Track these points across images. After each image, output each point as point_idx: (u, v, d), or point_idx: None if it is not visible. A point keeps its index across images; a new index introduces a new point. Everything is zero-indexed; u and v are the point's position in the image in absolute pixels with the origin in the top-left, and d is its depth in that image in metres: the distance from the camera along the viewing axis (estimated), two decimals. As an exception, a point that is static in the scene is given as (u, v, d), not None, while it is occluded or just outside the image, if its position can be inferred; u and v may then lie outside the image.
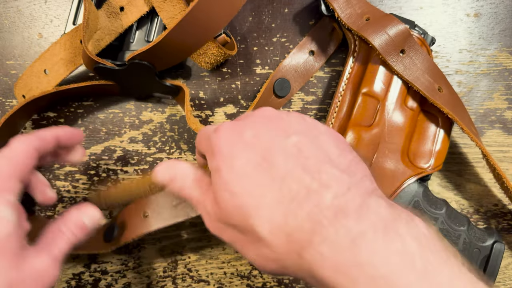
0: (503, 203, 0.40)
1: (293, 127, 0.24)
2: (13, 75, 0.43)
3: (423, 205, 0.35)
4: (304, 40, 0.41)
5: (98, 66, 0.36)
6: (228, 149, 0.24)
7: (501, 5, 0.41)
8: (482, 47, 0.41)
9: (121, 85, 0.39)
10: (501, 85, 0.41)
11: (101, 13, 0.39)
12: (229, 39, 0.38)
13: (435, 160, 0.36)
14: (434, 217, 0.35)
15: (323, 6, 0.38)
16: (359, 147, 0.36)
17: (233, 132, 0.24)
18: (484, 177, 0.41)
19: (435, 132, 0.37)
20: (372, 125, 0.36)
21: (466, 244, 0.34)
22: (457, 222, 0.35)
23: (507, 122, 0.41)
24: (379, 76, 0.36)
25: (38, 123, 0.42)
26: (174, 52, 0.36)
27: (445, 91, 0.36)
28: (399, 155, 0.36)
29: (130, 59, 0.36)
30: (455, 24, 0.41)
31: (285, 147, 0.23)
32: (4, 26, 0.43)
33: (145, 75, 0.38)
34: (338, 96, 0.38)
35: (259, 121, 0.25)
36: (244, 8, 0.42)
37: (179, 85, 0.39)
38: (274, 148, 0.23)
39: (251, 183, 0.23)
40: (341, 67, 0.42)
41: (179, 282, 0.42)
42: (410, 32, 0.36)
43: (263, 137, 0.24)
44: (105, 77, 0.38)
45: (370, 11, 0.37)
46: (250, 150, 0.23)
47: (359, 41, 0.37)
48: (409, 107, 0.37)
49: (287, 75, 0.41)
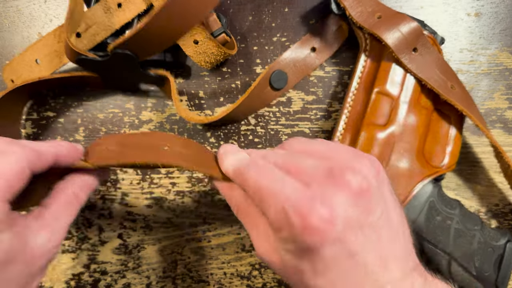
0: (504, 203, 0.40)
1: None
2: (12, 74, 0.43)
3: (438, 205, 0.35)
4: (308, 36, 0.41)
5: (80, 58, 0.36)
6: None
7: (502, 5, 0.41)
8: (483, 46, 0.41)
9: (105, 77, 0.39)
10: (502, 84, 0.41)
11: (98, 8, 0.39)
12: (229, 38, 0.38)
13: (449, 159, 0.36)
14: (449, 217, 0.34)
15: (333, 5, 0.38)
16: (374, 146, 0.35)
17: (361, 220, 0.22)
18: (485, 177, 0.41)
19: (448, 131, 0.37)
20: (386, 124, 0.36)
21: (481, 243, 0.34)
22: (471, 222, 0.35)
23: (508, 122, 0.41)
24: (392, 74, 0.36)
25: (38, 123, 0.42)
26: (157, 39, 0.36)
27: (457, 89, 0.36)
28: (414, 155, 0.36)
29: (112, 49, 0.36)
30: (456, 23, 0.41)
31: (406, 236, 0.24)
32: (3, 25, 0.43)
33: (129, 66, 0.37)
34: (351, 95, 0.37)
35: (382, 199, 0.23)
36: (244, 7, 0.42)
37: (163, 74, 0.39)
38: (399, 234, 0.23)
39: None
40: (342, 66, 0.41)
41: (179, 282, 0.42)
42: (422, 31, 0.35)
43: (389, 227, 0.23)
44: (89, 69, 0.38)
45: (381, 9, 0.37)
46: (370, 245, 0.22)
47: (370, 39, 0.37)
48: (423, 105, 0.36)
49: (286, 68, 0.41)
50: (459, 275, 0.34)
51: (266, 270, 0.42)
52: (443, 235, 0.34)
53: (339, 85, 0.41)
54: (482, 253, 0.34)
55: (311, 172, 0.24)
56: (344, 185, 0.22)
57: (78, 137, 0.42)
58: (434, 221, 0.34)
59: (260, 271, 0.42)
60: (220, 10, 0.42)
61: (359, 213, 0.22)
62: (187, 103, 0.42)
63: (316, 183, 0.23)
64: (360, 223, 0.22)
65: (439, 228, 0.34)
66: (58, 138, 0.42)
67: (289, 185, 0.23)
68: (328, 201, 0.22)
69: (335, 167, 0.23)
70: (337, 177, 0.23)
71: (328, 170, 0.23)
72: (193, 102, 0.42)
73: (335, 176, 0.23)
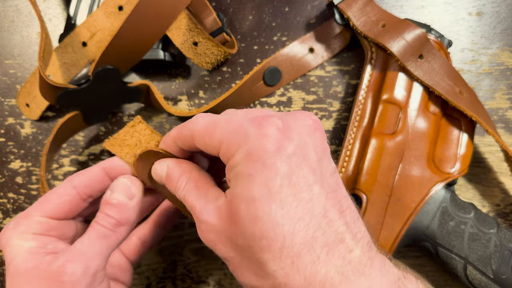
0: (506, 203, 0.40)
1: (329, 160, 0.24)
2: (12, 74, 0.43)
3: (452, 210, 0.34)
4: (308, 35, 0.41)
5: (61, 94, 0.34)
6: (272, 160, 0.21)
7: (503, 4, 0.41)
8: (484, 46, 0.41)
9: (87, 108, 0.37)
10: (503, 84, 0.41)
11: (99, 13, 0.38)
12: (229, 37, 0.38)
13: (461, 164, 0.36)
14: (463, 221, 0.34)
15: (337, 15, 0.38)
16: (383, 155, 0.35)
17: (282, 139, 0.22)
18: (486, 178, 0.40)
19: (458, 136, 0.36)
20: (395, 132, 0.36)
21: (497, 246, 0.34)
22: (486, 225, 0.34)
23: (509, 122, 0.40)
24: (399, 82, 0.36)
25: (38, 123, 0.42)
26: (133, 46, 0.35)
27: (466, 94, 0.36)
28: (425, 162, 0.35)
29: (93, 70, 0.34)
30: (457, 23, 0.41)
31: (327, 180, 0.23)
32: (3, 25, 0.43)
33: (111, 83, 0.36)
34: (358, 105, 0.37)
35: (305, 133, 0.23)
36: (245, 6, 0.41)
37: (143, 83, 0.37)
38: (316, 175, 0.22)
39: (284, 211, 0.21)
40: (343, 66, 0.41)
41: (179, 283, 0.42)
42: (427, 37, 0.35)
43: (308, 157, 0.22)
44: (71, 104, 0.36)
45: (385, 17, 0.37)
46: (295, 168, 0.22)
47: (375, 48, 0.37)
48: (431, 112, 0.36)
49: (281, 65, 0.40)
50: (476, 279, 0.33)
51: None
52: (457, 240, 0.34)
53: (340, 84, 0.41)
54: (499, 256, 0.34)
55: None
56: (274, 124, 0.23)
57: (77, 137, 0.42)
58: (447, 226, 0.34)
59: None
60: (220, 9, 0.41)
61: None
62: (187, 103, 0.42)
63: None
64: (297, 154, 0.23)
65: (453, 233, 0.34)
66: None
67: (240, 113, 0.25)
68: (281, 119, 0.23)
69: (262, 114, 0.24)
70: (265, 118, 0.23)
71: (258, 116, 0.24)
72: (193, 102, 0.42)
73: (264, 118, 0.23)
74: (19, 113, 0.42)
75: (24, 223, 0.27)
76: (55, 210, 0.27)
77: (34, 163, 0.42)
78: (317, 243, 0.21)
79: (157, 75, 0.42)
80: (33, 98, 0.40)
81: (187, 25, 0.36)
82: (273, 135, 0.22)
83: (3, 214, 0.43)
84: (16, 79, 0.43)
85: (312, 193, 0.22)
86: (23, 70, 0.43)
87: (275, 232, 0.21)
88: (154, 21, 0.34)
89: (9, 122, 0.43)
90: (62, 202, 0.28)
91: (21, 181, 0.42)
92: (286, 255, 0.21)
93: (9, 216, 0.43)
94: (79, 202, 0.28)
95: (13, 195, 0.43)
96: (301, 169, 0.22)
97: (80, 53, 0.39)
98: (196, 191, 0.25)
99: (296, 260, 0.21)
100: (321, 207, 0.22)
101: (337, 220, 0.22)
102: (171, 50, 0.41)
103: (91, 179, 0.29)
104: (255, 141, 0.22)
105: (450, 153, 0.36)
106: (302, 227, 0.21)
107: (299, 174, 0.22)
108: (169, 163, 0.27)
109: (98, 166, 0.29)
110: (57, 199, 0.28)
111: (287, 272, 0.21)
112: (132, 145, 0.29)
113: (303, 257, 0.21)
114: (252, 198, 0.21)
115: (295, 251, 0.21)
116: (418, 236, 0.35)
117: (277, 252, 0.21)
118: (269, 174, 0.21)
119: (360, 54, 0.40)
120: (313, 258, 0.21)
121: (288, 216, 0.21)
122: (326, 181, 0.23)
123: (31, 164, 0.42)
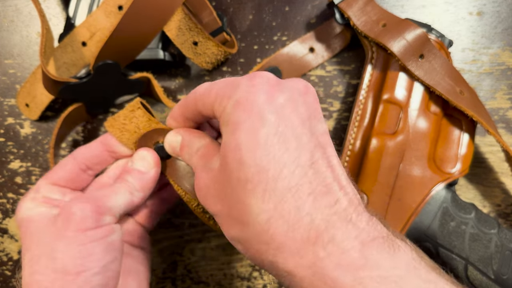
0: (506, 203, 0.40)
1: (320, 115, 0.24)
2: (11, 74, 0.42)
3: (452, 210, 0.34)
4: (308, 35, 0.41)
5: (63, 87, 0.35)
6: (260, 108, 0.22)
7: (504, 4, 0.40)
8: (485, 46, 0.41)
9: (89, 100, 0.38)
10: (504, 84, 0.40)
11: (99, 13, 0.38)
12: (229, 37, 0.38)
13: (462, 164, 0.36)
14: (464, 221, 0.34)
15: (337, 15, 0.38)
16: (384, 155, 0.35)
17: (273, 91, 0.22)
18: (486, 178, 0.40)
19: (459, 136, 0.36)
20: (396, 132, 0.36)
21: (498, 247, 0.34)
22: (487, 225, 0.34)
23: (510, 122, 0.40)
24: (400, 82, 0.36)
25: (37, 123, 0.42)
26: (131, 41, 0.35)
27: (466, 94, 0.36)
28: (425, 162, 0.35)
29: (94, 65, 0.35)
30: (458, 23, 0.41)
31: (316, 136, 0.23)
32: (2, 25, 0.43)
33: (112, 77, 0.36)
34: (359, 105, 0.37)
35: (296, 92, 0.23)
36: (245, 6, 0.41)
37: (144, 76, 0.38)
38: (305, 128, 0.22)
39: (270, 157, 0.21)
40: (343, 66, 0.41)
41: (179, 283, 0.42)
42: (427, 37, 0.35)
43: (298, 111, 0.23)
44: (73, 97, 0.37)
45: (386, 17, 0.37)
46: (283, 119, 0.22)
47: (376, 48, 0.37)
48: (432, 112, 0.36)
49: (281, 65, 0.40)
50: (476, 279, 0.33)
51: (266, 271, 0.42)
52: (458, 240, 0.34)
53: (340, 84, 0.41)
54: (499, 256, 0.33)
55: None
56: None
57: (77, 137, 0.42)
58: (448, 227, 0.34)
59: (261, 272, 0.42)
60: (221, 9, 0.41)
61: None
62: (187, 102, 0.42)
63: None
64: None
65: (454, 233, 0.34)
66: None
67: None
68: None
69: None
70: (258, 73, 0.24)
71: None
72: (193, 101, 0.42)
73: (257, 72, 0.24)
74: (19, 113, 0.42)
75: (33, 190, 0.29)
76: (59, 179, 0.30)
77: (34, 163, 0.42)
78: (302, 191, 0.21)
79: (157, 75, 0.42)
80: (32, 98, 0.40)
81: (187, 25, 0.36)
82: (264, 87, 0.22)
83: (2, 214, 0.43)
84: (15, 79, 0.42)
85: (299, 142, 0.22)
86: (22, 70, 0.42)
87: (260, 176, 0.21)
88: (152, 17, 0.35)
89: (8, 122, 0.42)
90: (64, 171, 0.30)
91: (21, 181, 0.42)
92: (268, 199, 0.21)
93: (9, 216, 0.42)
94: (79, 172, 0.31)
95: (12, 195, 0.42)
96: (290, 120, 0.22)
97: (80, 53, 0.39)
98: (205, 159, 0.26)
99: (279, 205, 0.21)
100: (308, 157, 0.22)
101: (324, 171, 0.22)
102: (171, 50, 0.41)
103: (90, 152, 0.31)
104: (245, 90, 0.22)
105: (451, 153, 0.36)
106: (287, 173, 0.21)
107: (287, 125, 0.22)
108: (182, 133, 0.28)
109: (97, 140, 0.31)
110: (60, 168, 0.30)
111: (269, 216, 0.21)
112: (131, 131, 0.30)
113: (286, 202, 0.21)
114: (239, 144, 0.21)
115: (278, 196, 0.21)
116: (419, 237, 0.35)
117: (261, 196, 0.21)
118: (256, 122, 0.21)
119: (361, 54, 0.40)
120: (297, 204, 0.21)
121: (274, 161, 0.21)
122: (315, 136, 0.23)
123: (30, 164, 0.42)
